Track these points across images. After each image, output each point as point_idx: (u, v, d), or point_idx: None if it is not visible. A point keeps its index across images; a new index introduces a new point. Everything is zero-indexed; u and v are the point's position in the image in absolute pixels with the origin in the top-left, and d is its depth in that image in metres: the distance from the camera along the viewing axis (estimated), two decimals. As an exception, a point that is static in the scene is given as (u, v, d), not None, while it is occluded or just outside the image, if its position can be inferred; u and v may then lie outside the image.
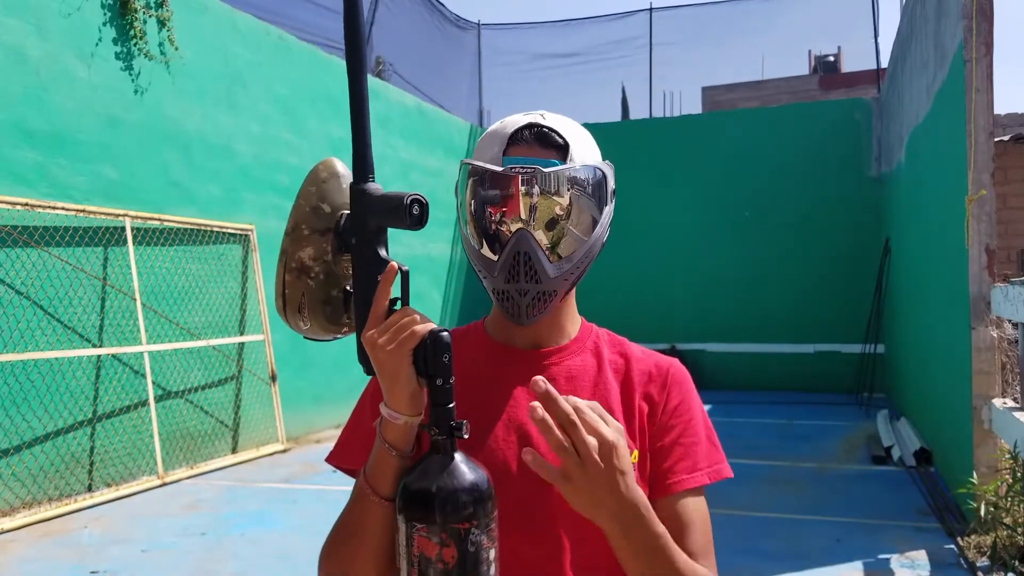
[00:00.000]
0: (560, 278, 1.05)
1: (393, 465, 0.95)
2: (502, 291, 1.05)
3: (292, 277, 1.01)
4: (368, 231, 0.96)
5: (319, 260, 1.01)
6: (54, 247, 5.72)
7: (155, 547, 4.73)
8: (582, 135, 1.08)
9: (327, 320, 1.02)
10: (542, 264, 1.03)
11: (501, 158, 1.04)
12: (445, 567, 0.87)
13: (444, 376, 0.91)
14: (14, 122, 5.56)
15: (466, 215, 1.07)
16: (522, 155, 1.03)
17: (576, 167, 1.03)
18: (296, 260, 1.01)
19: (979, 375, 4.76)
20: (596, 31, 13.63)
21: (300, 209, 1.02)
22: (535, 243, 1.02)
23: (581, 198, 1.04)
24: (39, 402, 5.58)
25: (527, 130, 1.05)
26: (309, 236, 1.01)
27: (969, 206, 4.79)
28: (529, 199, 1.01)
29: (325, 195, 1.02)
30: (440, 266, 11.36)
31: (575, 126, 1.09)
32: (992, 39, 4.73)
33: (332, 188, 1.03)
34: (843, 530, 4.88)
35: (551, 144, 1.04)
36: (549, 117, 1.07)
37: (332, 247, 1.01)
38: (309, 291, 1.01)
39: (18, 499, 5.40)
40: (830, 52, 20.34)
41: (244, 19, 7.84)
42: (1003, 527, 4.22)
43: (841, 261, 11.22)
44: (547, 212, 1.02)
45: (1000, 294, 4.51)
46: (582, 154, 1.05)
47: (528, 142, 1.04)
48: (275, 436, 7.68)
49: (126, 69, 6.49)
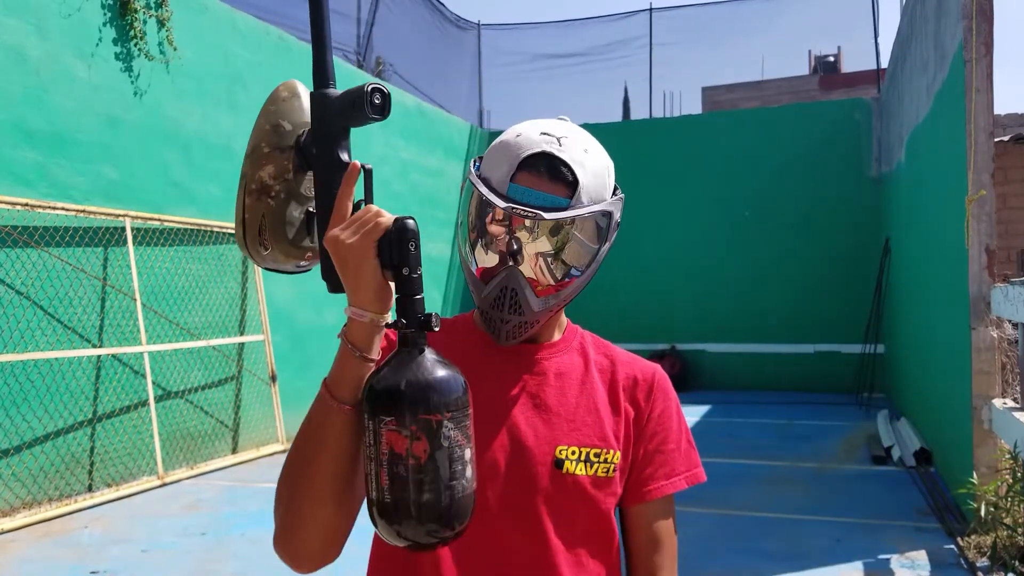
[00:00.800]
0: (545, 311, 1.05)
1: (357, 368, 0.90)
2: (486, 312, 1.06)
3: (252, 200, 0.97)
4: (330, 136, 0.93)
5: (279, 179, 0.97)
6: (54, 247, 5.72)
7: (155, 547, 4.73)
8: (597, 166, 1.05)
9: (289, 243, 0.98)
10: (528, 300, 1.03)
11: (508, 184, 1.01)
12: (416, 463, 0.81)
13: (411, 266, 0.88)
14: (14, 122, 5.56)
15: (465, 227, 1.06)
16: (529, 185, 1.01)
17: (581, 212, 1.01)
18: (256, 181, 0.97)
19: (979, 375, 4.76)
20: (596, 31, 13.63)
21: (260, 128, 0.99)
22: (523, 280, 1.02)
23: (579, 240, 1.03)
24: (39, 402, 5.58)
25: (540, 158, 1.01)
26: (269, 154, 0.98)
27: (969, 206, 4.79)
28: (525, 239, 1.01)
29: (285, 113, 1.00)
30: (440, 266, 11.36)
31: (592, 155, 1.06)
32: (992, 39, 4.73)
33: (293, 107, 1.01)
34: (843, 530, 4.88)
35: (560, 179, 1.01)
36: (567, 143, 1.04)
37: (293, 164, 0.98)
38: (269, 211, 0.97)
39: (18, 499, 5.40)
40: (830, 52, 20.34)
41: (244, 19, 7.84)
42: (1003, 527, 4.22)
43: (841, 261, 11.22)
44: (542, 254, 1.02)
45: (1000, 294, 4.51)
46: (591, 192, 1.03)
47: (538, 173, 1.01)
48: (275, 436, 7.68)
49: (126, 69, 6.49)
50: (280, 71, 8.22)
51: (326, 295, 3.99)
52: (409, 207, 10.52)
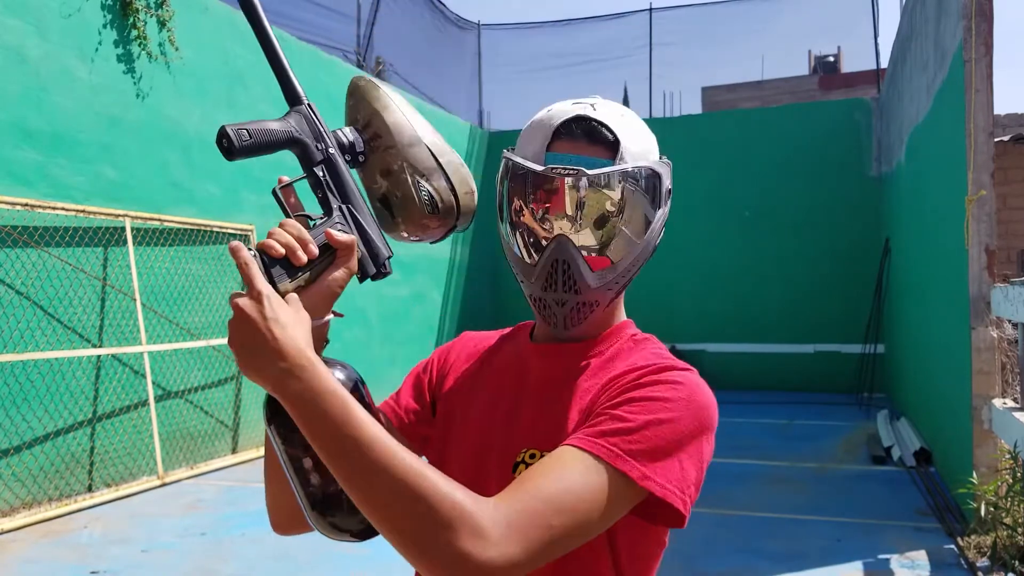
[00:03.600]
0: (603, 287, 0.97)
1: None
2: (539, 299, 0.98)
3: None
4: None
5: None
6: (54, 247, 5.72)
7: (155, 547, 4.73)
8: (636, 128, 0.99)
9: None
10: (582, 273, 0.95)
11: (544, 154, 0.95)
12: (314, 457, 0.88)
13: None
14: (14, 122, 5.56)
15: (504, 212, 1.00)
16: (567, 152, 0.95)
17: (626, 167, 0.94)
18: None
19: (979, 375, 4.76)
20: (596, 31, 13.64)
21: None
22: (575, 250, 0.95)
23: (630, 201, 0.95)
24: (39, 402, 5.58)
25: (575, 123, 0.96)
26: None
27: (969, 206, 4.79)
28: (571, 202, 0.93)
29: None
30: (440, 266, 11.37)
31: (629, 119, 0.99)
32: (992, 39, 4.73)
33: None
34: (843, 530, 4.88)
35: (600, 140, 0.95)
36: (601, 107, 0.98)
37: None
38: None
39: (18, 499, 5.40)
40: (830, 52, 20.33)
41: (244, 19, 7.84)
42: (1003, 527, 4.23)
43: (841, 261, 11.22)
44: (591, 217, 0.94)
45: (1000, 294, 4.51)
46: (634, 151, 0.96)
47: (575, 137, 0.95)
48: (275, 436, 7.68)
49: (126, 70, 6.49)
50: (280, 71, 8.22)
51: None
52: (409, 207, 10.52)
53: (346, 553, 4.49)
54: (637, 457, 0.85)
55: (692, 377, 0.94)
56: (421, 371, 1.16)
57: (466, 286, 12.14)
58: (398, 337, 10.16)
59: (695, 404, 0.90)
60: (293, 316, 0.82)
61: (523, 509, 0.79)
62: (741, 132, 11.93)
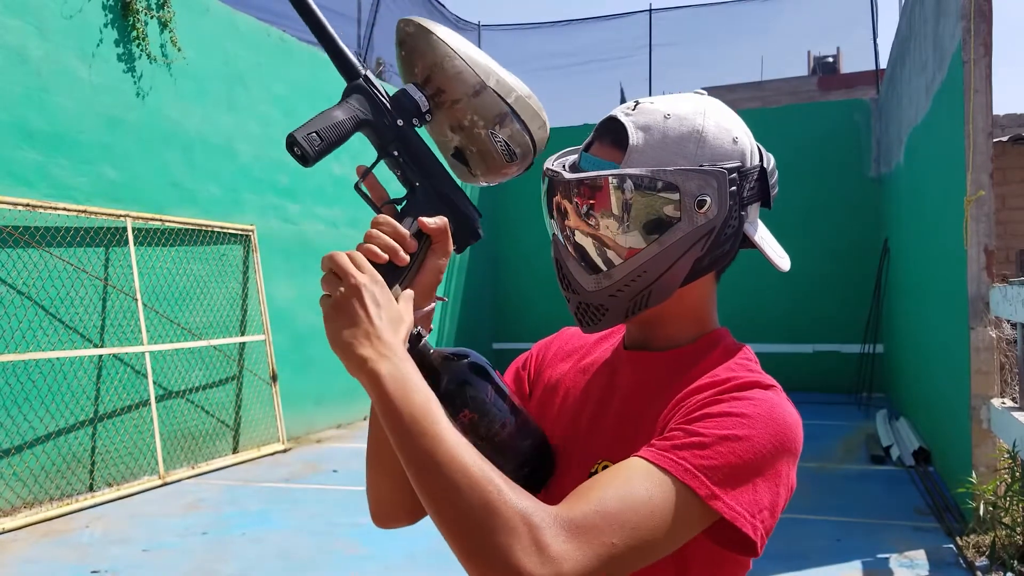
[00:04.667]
0: (602, 292, 0.93)
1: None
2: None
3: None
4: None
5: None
6: (55, 247, 5.73)
7: (156, 547, 4.74)
8: (673, 131, 0.92)
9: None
10: (573, 274, 0.95)
11: (581, 153, 0.97)
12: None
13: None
14: (15, 123, 5.57)
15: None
16: (593, 153, 0.95)
17: (612, 173, 0.89)
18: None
19: (978, 375, 4.78)
20: (596, 32, 13.65)
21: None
22: (564, 251, 0.95)
23: (618, 207, 0.89)
24: (40, 402, 5.59)
25: (606, 123, 0.96)
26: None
27: (968, 207, 4.80)
28: (564, 204, 0.93)
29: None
30: (440, 266, 11.36)
31: (674, 121, 0.92)
32: (991, 40, 4.75)
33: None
34: (842, 530, 4.89)
35: (616, 143, 0.93)
36: (649, 106, 0.94)
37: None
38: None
39: (19, 499, 5.41)
40: (829, 53, 20.34)
41: (245, 20, 7.86)
42: (1002, 527, 4.24)
43: (840, 261, 11.24)
44: (580, 221, 0.92)
45: (999, 294, 4.53)
46: (648, 157, 0.90)
47: (601, 138, 0.95)
48: (276, 436, 7.69)
49: (127, 70, 6.50)
50: (281, 72, 8.24)
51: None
52: (409, 207, 10.53)
53: (346, 553, 4.51)
54: (707, 474, 0.80)
55: (776, 395, 0.88)
56: (520, 366, 1.15)
57: (466, 287, 12.15)
58: (398, 337, 10.16)
59: (776, 423, 0.84)
60: (398, 311, 0.84)
61: (584, 524, 0.75)
62: None
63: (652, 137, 0.91)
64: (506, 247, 13.01)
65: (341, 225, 9.09)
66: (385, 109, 0.91)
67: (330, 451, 7.66)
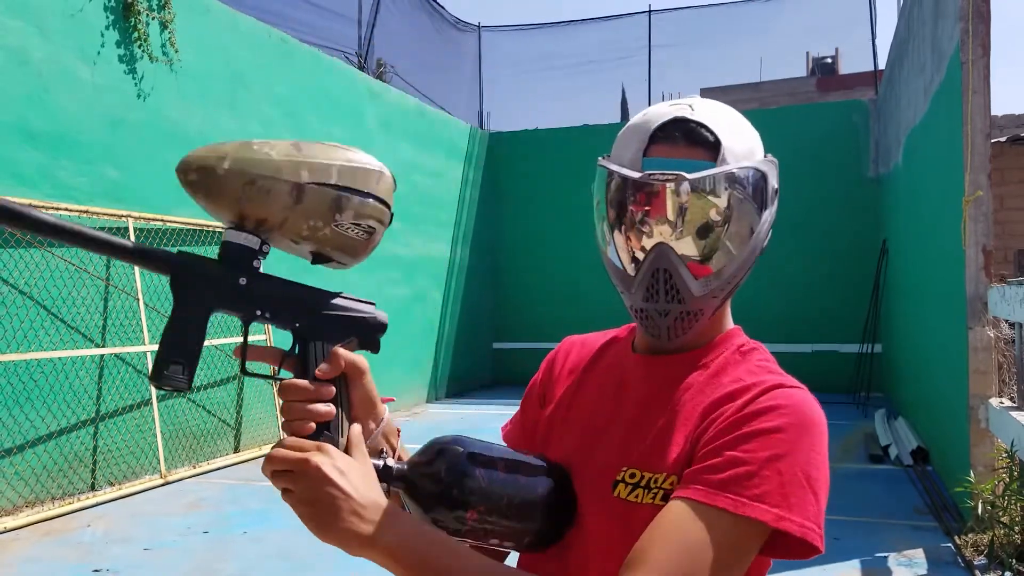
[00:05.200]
0: (708, 295, 0.92)
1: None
2: (640, 309, 0.94)
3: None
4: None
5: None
6: (57, 247, 5.75)
7: (158, 546, 4.76)
8: (737, 127, 0.94)
9: None
10: (685, 282, 0.91)
11: (641, 160, 0.91)
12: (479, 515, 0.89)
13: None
14: (17, 123, 5.59)
15: (600, 222, 0.95)
16: (665, 156, 0.90)
17: (729, 169, 0.89)
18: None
19: (976, 375, 4.79)
20: (595, 33, 13.66)
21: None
22: (677, 259, 0.90)
23: (734, 204, 0.90)
24: (42, 401, 5.60)
25: (672, 126, 0.91)
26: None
27: (966, 207, 4.82)
28: (672, 209, 0.89)
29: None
30: (440, 266, 11.39)
31: (730, 117, 0.95)
32: (989, 41, 4.76)
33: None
34: (841, 529, 4.90)
35: (699, 142, 0.90)
36: (699, 107, 0.93)
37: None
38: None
39: (21, 498, 5.42)
40: (828, 54, 20.37)
41: (246, 21, 7.87)
42: (1000, 526, 4.25)
43: (839, 261, 11.26)
44: (693, 223, 0.89)
45: (997, 294, 4.54)
46: (738, 152, 0.91)
47: (673, 140, 0.91)
48: (277, 435, 7.71)
49: (129, 71, 6.52)
50: (282, 73, 8.25)
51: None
52: (410, 208, 10.55)
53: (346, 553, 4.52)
54: (766, 500, 0.81)
55: (800, 396, 0.88)
56: (532, 388, 1.14)
57: (466, 286, 12.16)
58: (399, 337, 10.18)
59: (809, 426, 0.86)
60: (360, 467, 0.81)
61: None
62: None
63: (728, 133, 0.92)
64: (506, 248, 13.02)
65: (341, 225, 9.10)
66: (220, 279, 0.83)
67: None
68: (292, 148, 0.82)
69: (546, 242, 12.60)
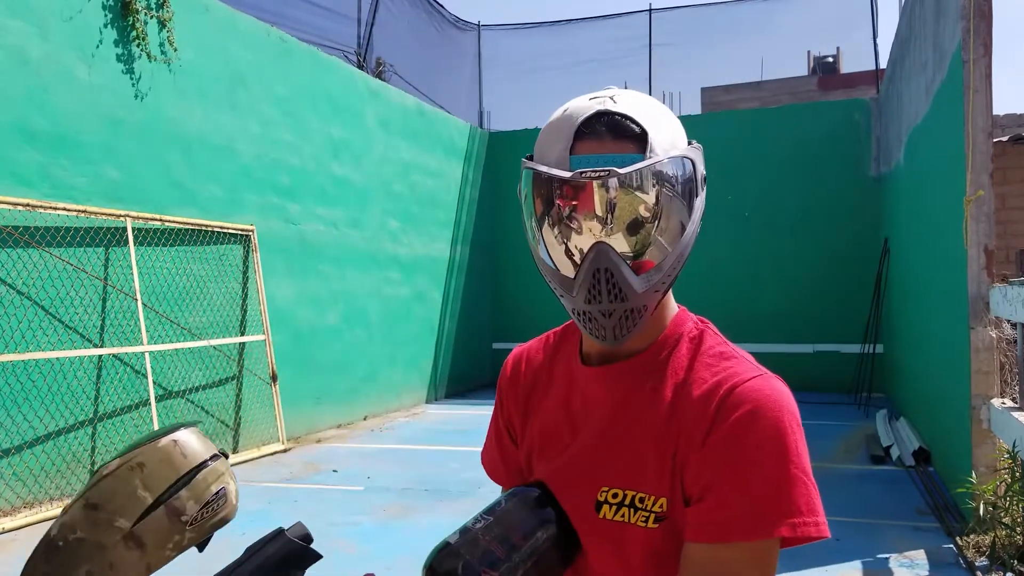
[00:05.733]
0: (650, 291, 0.90)
1: None
2: (583, 312, 0.91)
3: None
4: None
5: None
6: (55, 247, 5.74)
7: (157, 546, 4.74)
8: (660, 116, 0.92)
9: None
10: (627, 280, 0.88)
11: (568, 158, 0.88)
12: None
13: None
14: (16, 123, 5.57)
15: (532, 226, 0.92)
16: (593, 152, 0.87)
17: (658, 160, 0.87)
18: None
19: (978, 375, 4.78)
20: (596, 32, 13.65)
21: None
22: (616, 257, 0.87)
23: (667, 196, 0.88)
24: (40, 402, 5.59)
25: (596, 120, 0.89)
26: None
27: (968, 206, 4.80)
28: (605, 206, 0.86)
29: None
30: (440, 266, 11.38)
31: (652, 107, 0.92)
32: (991, 40, 4.75)
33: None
34: (842, 530, 4.89)
35: (626, 135, 0.88)
36: (621, 98, 0.91)
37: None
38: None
39: (19, 498, 5.41)
40: (829, 53, 20.35)
41: (245, 20, 7.86)
42: (1002, 526, 4.24)
43: (840, 261, 11.24)
44: (627, 218, 0.87)
45: (999, 294, 4.53)
46: (663, 142, 0.89)
47: (599, 135, 0.88)
48: (276, 436, 7.70)
49: (127, 70, 6.50)
50: (281, 72, 8.24)
51: (327, 295, 4.08)
52: (409, 207, 10.55)
53: (346, 553, 4.50)
54: (779, 517, 0.84)
55: (764, 388, 0.89)
56: (496, 419, 1.14)
57: (466, 286, 12.15)
58: (398, 337, 10.17)
59: (784, 417, 0.88)
60: None
61: None
62: (740, 133, 11.95)
63: (653, 123, 0.90)
64: (506, 247, 13.01)
65: (341, 225, 9.09)
66: None
67: (330, 451, 7.66)
68: (81, 510, 0.80)
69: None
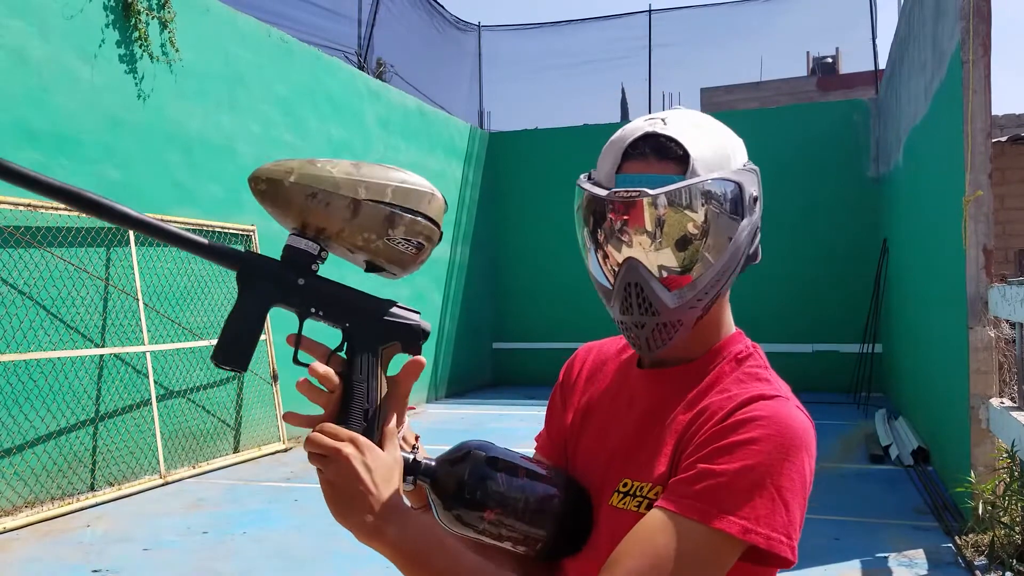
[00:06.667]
0: (684, 307, 0.93)
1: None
2: (620, 321, 0.96)
3: None
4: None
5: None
6: (57, 247, 5.75)
7: (157, 546, 4.76)
8: (712, 137, 0.95)
9: None
10: (656, 295, 0.92)
11: (614, 176, 0.93)
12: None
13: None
14: (17, 123, 5.58)
15: (580, 238, 0.99)
16: (637, 171, 0.92)
17: (698, 181, 0.90)
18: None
19: (977, 375, 4.79)
20: (595, 32, 13.66)
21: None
22: (646, 272, 0.92)
23: (706, 215, 0.91)
24: (42, 402, 5.60)
25: (643, 141, 0.93)
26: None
27: (967, 207, 4.82)
28: (637, 224, 0.91)
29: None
30: (440, 266, 11.39)
31: (705, 128, 0.96)
32: (990, 40, 4.76)
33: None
34: (841, 529, 4.90)
35: (669, 156, 0.92)
36: (673, 119, 0.95)
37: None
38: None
39: (21, 498, 5.42)
40: (828, 54, 20.35)
41: (245, 21, 7.87)
42: (1001, 526, 4.25)
43: (839, 261, 11.26)
44: (667, 236, 0.91)
45: (998, 294, 4.54)
46: (709, 162, 0.92)
47: (644, 156, 0.92)
48: (276, 435, 7.71)
49: (128, 71, 6.52)
50: (281, 72, 8.25)
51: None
52: (409, 207, 10.54)
53: (347, 552, 4.52)
54: (735, 511, 0.83)
55: (780, 407, 0.89)
56: (554, 396, 1.17)
57: (466, 286, 12.15)
58: (398, 337, 10.17)
59: (787, 436, 0.86)
60: (389, 463, 0.88)
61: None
62: (739, 133, 11.34)
63: (700, 145, 0.93)
64: (506, 247, 13.02)
65: (341, 225, 9.10)
66: (280, 277, 0.92)
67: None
68: (352, 167, 0.91)
69: (546, 242, 12.59)
